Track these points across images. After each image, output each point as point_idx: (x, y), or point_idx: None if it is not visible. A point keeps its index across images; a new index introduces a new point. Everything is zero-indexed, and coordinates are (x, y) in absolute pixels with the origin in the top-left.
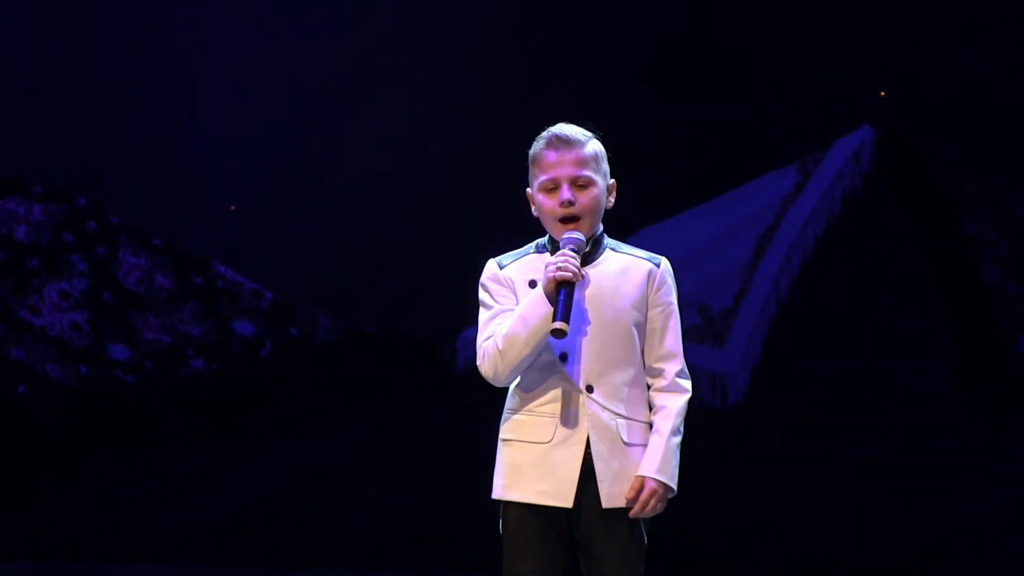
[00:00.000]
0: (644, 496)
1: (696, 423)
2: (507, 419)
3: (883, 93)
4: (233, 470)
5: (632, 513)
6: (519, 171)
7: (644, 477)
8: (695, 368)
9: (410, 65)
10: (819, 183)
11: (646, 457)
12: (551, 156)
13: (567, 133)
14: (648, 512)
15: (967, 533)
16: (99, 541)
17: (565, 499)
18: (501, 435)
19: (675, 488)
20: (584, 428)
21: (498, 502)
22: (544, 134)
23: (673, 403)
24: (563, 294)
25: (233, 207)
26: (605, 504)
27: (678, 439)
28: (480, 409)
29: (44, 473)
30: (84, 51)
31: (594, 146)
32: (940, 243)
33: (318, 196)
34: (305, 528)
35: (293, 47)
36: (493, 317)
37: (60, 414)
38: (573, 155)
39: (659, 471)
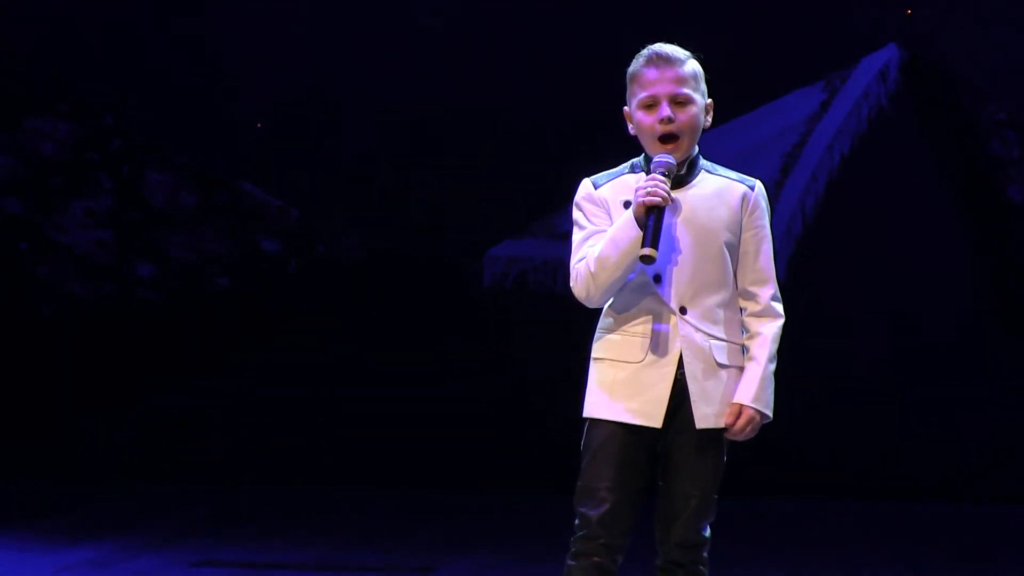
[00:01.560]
0: (742, 422)
1: None
2: (599, 338)
3: (909, 12)
4: (257, 390)
5: (729, 435)
6: (542, 88)
7: (742, 404)
8: None
9: None
10: (845, 101)
11: (743, 384)
12: (651, 73)
13: (667, 51)
14: (743, 438)
15: (992, 453)
16: (125, 461)
17: (654, 419)
18: (593, 354)
19: (771, 415)
20: (676, 349)
21: (583, 420)
22: (644, 52)
23: (768, 329)
24: (652, 219)
25: (259, 124)
26: (699, 425)
27: (774, 366)
28: (505, 327)
29: (68, 393)
30: None
31: (693, 65)
32: (965, 163)
33: (344, 114)
34: (330, 447)
35: None
36: (587, 238)
37: (84, 333)
38: (673, 72)
39: (756, 399)
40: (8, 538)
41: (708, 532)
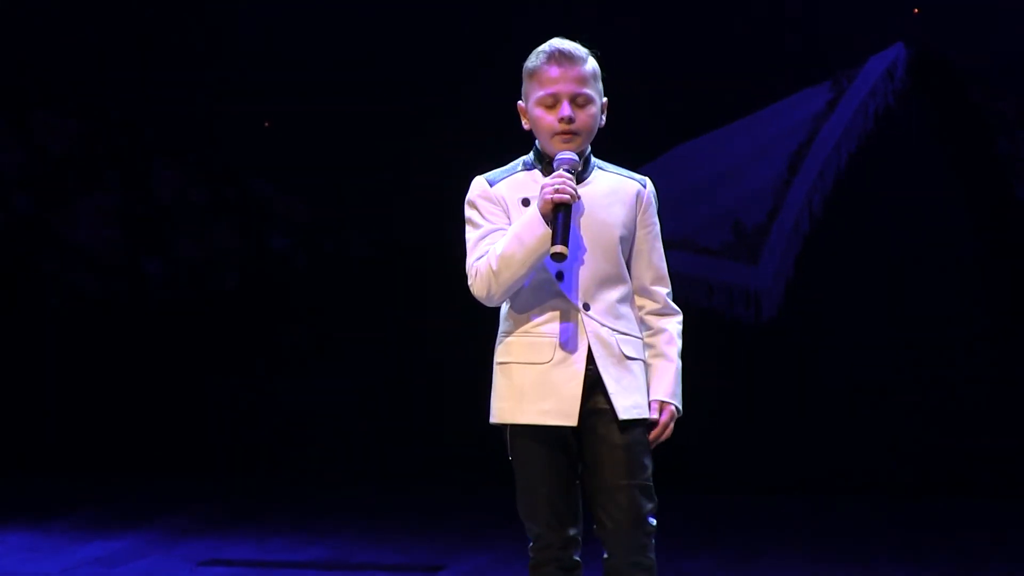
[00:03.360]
0: (665, 419)
1: (732, 337)
2: (502, 341)
3: (916, 10)
4: (267, 386)
5: (653, 436)
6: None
7: (662, 401)
8: (729, 284)
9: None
10: (852, 100)
11: (659, 381)
12: (553, 71)
13: (569, 48)
14: (665, 436)
15: (1002, 451)
16: (130, 456)
17: (569, 417)
18: (497, 358)
19: (681, 411)
20: (584, 346)
21: (502, 427)
22: (544, 48)
23: (673, 327)
24: (560, 216)
25: (267, 123)
26: (622, 416)
27: (680, 363)
28: None
29: (76, 387)
30: None
31: (592, 63)
32: (973, 161)
33: (351, 111)
34: (339, 444)
35: None
36: (484, 236)
37: (92, 328)
38: (575, 72)
39: (673, 395)
40: (15, 536)
41: (653, 521)
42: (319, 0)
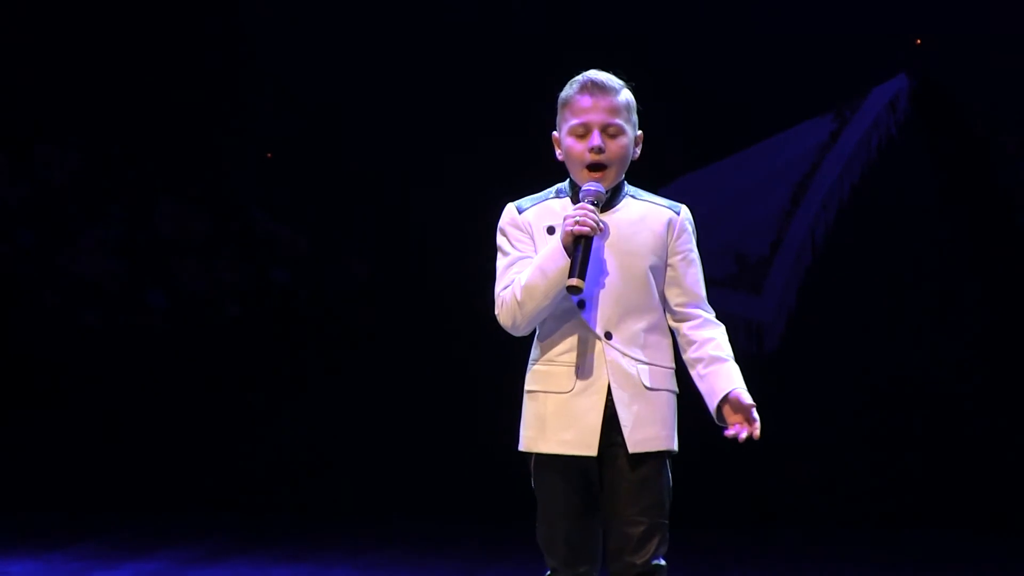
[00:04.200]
0: (754, 412)
1: None
2: (530, 369)
3: (919, 41)
4: (269, 417)
5: (755, 433)
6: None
7: (744, 401)
8: (731, 315)
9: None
10: (855, 131)
11: (729, 378)
12: (585, 101)
13: (602, 79)
14: (757, 429)
15: (1003, 480)
16: (134, 491)
17: (589, 447)
18: (526, 387)
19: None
20: (604, 375)
21: (527, 455)
22: (578, 78)
23: (720, 334)
24: (579, 250)
25: (269, 155)
26: (632, 449)
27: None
28: (518, 354)
29: (78, 420)
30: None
31: (627, 95)
32: (974, 192)
33: (354, 143)
34: (341, 474)
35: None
36: (511, 264)
37: (95, 360)
38: (607, 102)
39: (744, 388)
40: (18, 566)
41: (663, 561)
42: (317, 32)
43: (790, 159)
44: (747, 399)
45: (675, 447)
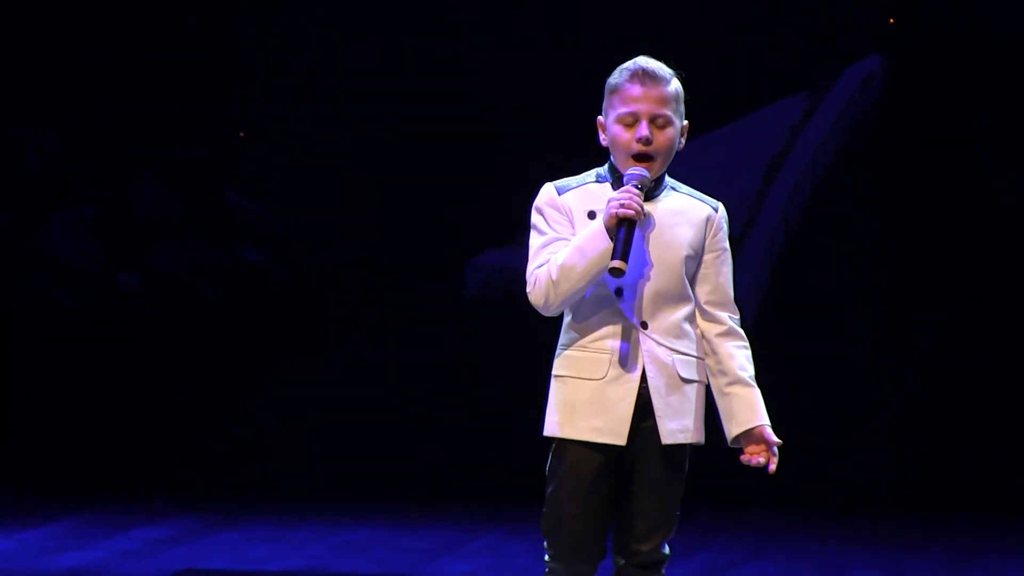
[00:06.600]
0: (776, 445)
1: None
2: (560, 355)
3: (892, 20)
4: (242, 399)
5: (772, 468)
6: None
7: (771, 439)
8: None
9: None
10: (829, 111)
11: (753, 409)
12: (635, 90)
13: (653, 68)
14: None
15: (983, 465)
16: (108, 471)
17: (619, 436)
18: (554, 371)
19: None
20: (639, 365)
21: (549, 439)
22: (629, 65)
23: (742, 352)
24: (623, 232)
25: (242, 133)
26: (665, 440)
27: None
28: (488, 336)
29: (53, 402)
30: None
31: (676, 85)
32: (950, 171)
33: (328, 124)
34: (316, 456)
35: None
36: (546, 244)
37: (70, 342)
38: (657, 92)
39: (767, 420)
40: None
41: (667, 549)
42: (294, 15)
43: (763, 139)
44: (774, 438)
45: (703, 439)
